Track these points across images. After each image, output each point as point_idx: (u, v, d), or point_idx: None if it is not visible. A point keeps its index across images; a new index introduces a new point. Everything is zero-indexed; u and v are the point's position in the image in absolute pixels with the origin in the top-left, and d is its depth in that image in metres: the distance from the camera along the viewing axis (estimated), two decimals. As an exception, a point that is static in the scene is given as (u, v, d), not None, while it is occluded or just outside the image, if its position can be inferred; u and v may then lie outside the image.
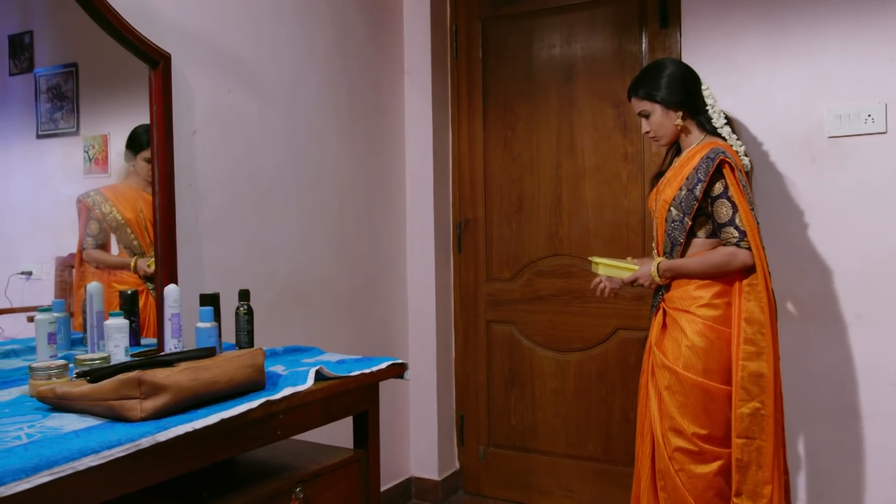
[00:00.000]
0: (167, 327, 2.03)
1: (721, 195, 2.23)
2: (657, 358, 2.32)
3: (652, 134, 2.41)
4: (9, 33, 2.00)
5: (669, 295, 2.35)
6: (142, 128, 2.20)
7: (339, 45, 2.96)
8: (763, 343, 2.20)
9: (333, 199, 2.94)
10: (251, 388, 1.63)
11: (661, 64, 2.41)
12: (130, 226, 2.19)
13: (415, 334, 3.39)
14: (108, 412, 1.41)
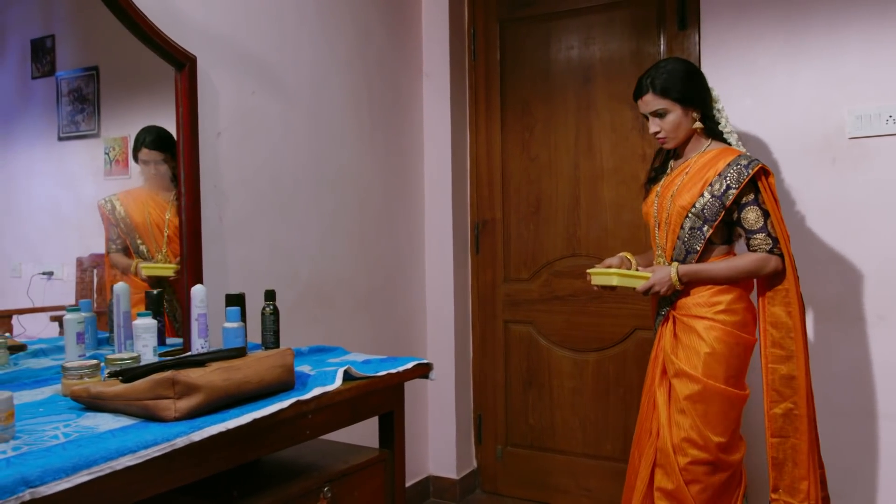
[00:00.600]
0: (194, 327, 2.02)
1: (752, 202, 2.19)
2: (675, 367, 2.23)
3: (663, 135, 2.30)
4: (31, 38, 2.01)
5: (683, 302, 2.27)
6: (151, 129, 2.19)
7: (359, 47, 2.96)
8: (793, 346, 2.21)
9: (353, 200, 2.93)
10: (281, 388, 1.62)
11: (676, 61, 2.32)
12: (138, 230, 2.17)
13: (433, 334, 3.38)
14: (142, 412, 1.40)
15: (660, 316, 2.36)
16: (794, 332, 2.21)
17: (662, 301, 2.34)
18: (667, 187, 2.34)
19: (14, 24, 1.98)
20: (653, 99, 2.28)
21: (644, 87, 2.30)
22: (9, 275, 1.98)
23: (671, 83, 2.25)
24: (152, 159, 2.18)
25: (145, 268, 2.16)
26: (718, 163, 2.22)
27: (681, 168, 2.32)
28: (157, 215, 2.19)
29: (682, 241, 2.26)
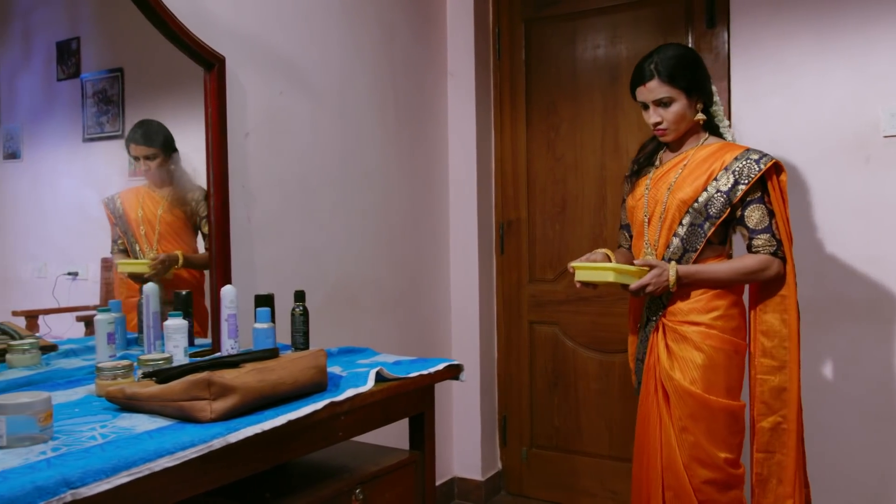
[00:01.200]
0: (224, 328, 2.02)
1: (757, 200, 2.06)
2: (674, 383, 2.07)
3: (664, 125, 2.12)
4: (56, 40, 2.01)
5: (676, 307, 2.11)
6: (143, 122, 2.15)
7: (385, 47, 2.95)
8: (786, 357, 2.09)
9: (379, 201, 2.92)
10: (314, 389, 1.61)
11: (679, 47, 2.17)
12: (131, 227, 2.13)
13: (458, 335, 3.37)
14: (177, 413, 1.40)
15: (650, 323, 2.19)
16: (789, 342, 2.09)
17: (652, 305, 2.18)
18: (659, 180, 2.18)
19: (40, 26, 1.99)
20: (658, 86, 2.09)
21: (647, 73, 2.11)
22: (34, 275, 1.99)
23: (679, 70, 2.09)
24: (142, 154, 2.13)
25: (120, 264, 2.11)
26: (725, 155, 2.09)
27: (676, 161, 2.17)
28: (150, 212, 2.14)
29: (680, 238, 2.11)
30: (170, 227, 2.16)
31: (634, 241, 2.26)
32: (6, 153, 1.90)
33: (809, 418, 2.62)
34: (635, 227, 2.24)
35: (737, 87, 2.76)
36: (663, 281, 2.04)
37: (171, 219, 2.18)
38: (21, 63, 1.95)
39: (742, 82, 2.74)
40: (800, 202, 2.64)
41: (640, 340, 2.26)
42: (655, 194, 2.17)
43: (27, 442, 1.24)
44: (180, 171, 2.22)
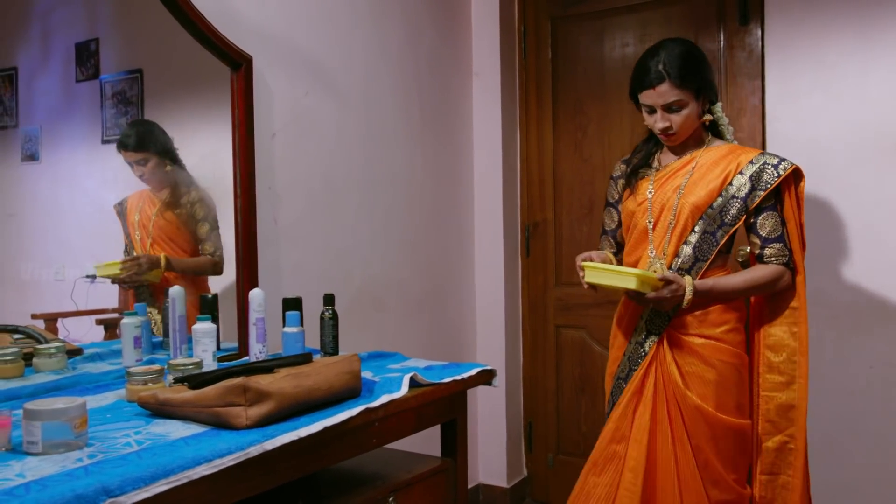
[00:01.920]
0: (252, 332, 2.01)
1: (771, 207, 1.97)
2: (687, 400, 1.97)
3: (673, 130, 2.00)
4: (76, 41, 2.01)
5: (684, 320, 2.00)
6: (142, 127, 2.12)
7: (410, 47, 2.93)
8: (795, 372, 1.99)
9: (404, 202, 2.91)
10: (348, 395, 1.60)
11: (684, 43, 2.03)
12: (129, 231, 2.09)
13: (483, 339, 3.34)
14: (212, 419, 1.38)
15: (650, 337, 2.05)
16: (800, 356, 1.98)
17: (655, 319, 2.05)
18: (665, 183, 2.06)
19: (59, 27, 1.98)
20: (669, 89, 1.95)
21: (656, 75, 1.96)
22: (53, 278, 1.98)
23: (689, 70, 1.96)
24: (133, 160, 2.08)
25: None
26: (739, 157, 1.99)
27: (681, 164, 2.06)
28: (145, 216, 2.10)
29: (692, 246, 1.99)
30: (162, 232, 2.12)
31: (632, 249, 2.12)
32: (25, 155, 1.90)
33: (852, 427, 2.58)
34: (635, 233, 2.10)
35: (772, 86, 2.72)
36: (678, 297, 1.92)
37: (163, 222, 2.13)
38: (40, 65, 1.95)
39: (778, 81, 2.70)
40: (838, 203, 2.60)
41: (628, 357, 2.11)
42: (661, 198, 2.04)
43: (62, 448, 1.23)
44: (179, 173, 2.16)
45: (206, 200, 2.21)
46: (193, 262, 2.21)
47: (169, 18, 2.02)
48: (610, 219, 2.28)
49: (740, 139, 2.86)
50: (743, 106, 2.87)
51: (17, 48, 1.89)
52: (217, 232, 2.22)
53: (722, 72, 2.91)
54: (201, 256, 2.21)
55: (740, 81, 2.88)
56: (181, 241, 2.17)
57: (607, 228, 2.29)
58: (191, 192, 2.18)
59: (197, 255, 2.21)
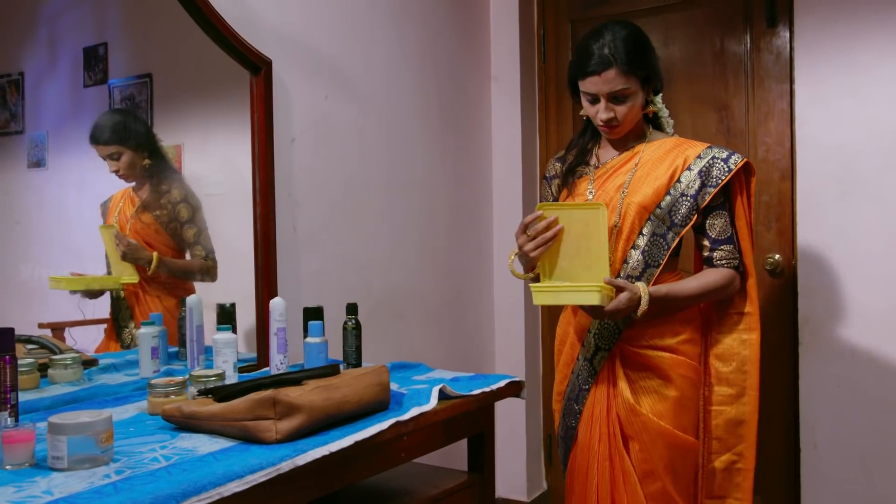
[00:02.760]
0: (273, 342, 1.99)
1: (720, 206, 1.85)
2: (641, 419, 1.80)
3: (618, 122, 1.84)
4: (84, 46, 2.00)
5: (637, 331, 1.84)
6: (115, 117, 1.99)
7: (430, 51, 2.92)
8: (745, 382, 1.85)
9: (424, 209, 2.88)
10: (377, 407, 1.57)
11: (627, 25, 1.86)
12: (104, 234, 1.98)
13: (501, 351, 3.31)
14: (240, 433, 1.36)
15: (599, 353, 1.89)
16: (749, 365, 1.85)
17: (603, 332, 1.89)
18: (606, 181, 1.90)
19: (66, 32, 1.98)
20: (616, 76, 1.79)
21: (604, 60, 1.79)
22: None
23: (638, 55, 1.81)
24: (104, 154, 1.95)
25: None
26: (687, 152, 1.85)
27: (622, 159, 1.91)
28: (123, 217, 1.98)
29: (641, 251, 1.83)
30: (138, 235, 2.00)
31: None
32: (31, 161, 1.89)
33: (891, 441, 2.52)
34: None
35: (801, 89, 2.69)
36: (633, 307, 1.73)
37: (140, 225, 2.01)
38: (47, 70, 1.94)
39: (808, 85, 2.67)
40: (871, 209, 2.57)
41: (577, 375, 1.96)
42: (603, 198, 1.87)
43: (88, 464, 1.21)
44: (160, 168, 2.04)
45: (191, 200, 2.09)
46: (185, 263, 2.10)
47: (179, 22, 2.01)
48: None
49: (767, 144, 2.83)
50: (770, 110, 2.84)
51: (23, 53, 1.88)
52: (207, 234, 2.11)
53: (748, 75, 2.89)
54: (193, 259, 2.11)
55: (767, 85, 2.85)
56: (160, 247, 2.05)
57: None
58: (172, 190, 2.07)
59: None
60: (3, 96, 1.84)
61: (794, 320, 2.74)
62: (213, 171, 2.22)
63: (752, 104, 2.88)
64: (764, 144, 2.84)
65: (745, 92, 2.90)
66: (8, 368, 1.45)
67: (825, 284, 2.63)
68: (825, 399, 2.64)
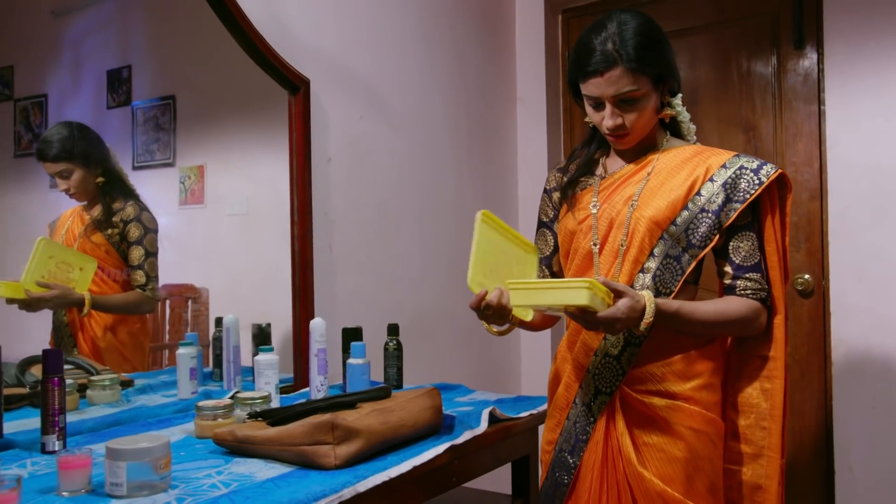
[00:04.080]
0: (313, 363, 1.93)
1: (748, 225, 1.52)
2: (644, 484, 1.48)
3: (626, 130, 1.52)
4: (107, 69, 1.97)
5: (644, 371, 1.52)
6: (64, 131, 1.82)
7: (459, 73, 2.88)
8: (764, 441, 1.52)
9: (453, 229, 2.83)
10: (431, 430, 1.51)
11: (639, 15, 1.52)
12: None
13: (527, 370, 3.25)
14: (298, 458, 1.30)
15: (600, 396, 1.56)
16: (770, 420, 1.52)
17: (604, 371, 1.55)
18: (613, 192, 1.58)
19: (90, 55, 1.95)
20: (623, 75, 1.46)
21: (607, 57, 1.47)
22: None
23: (649, 50, 1.47)
24: (52, 172, 1.78)
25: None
26: (709, 160, 1.53)
27: (633, 169, 1.59)
28: (70, 237, 1.80)
29: (651, 274, 1.51)
30: (95, 252, 1.84)
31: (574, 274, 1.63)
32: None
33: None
34: (576, 258, 1.61)
35: (832, 111, 2.65)
36: (635, 317, 1.39)
37: (89, 246, 1.83)
38: (70, 92, 1.91)
39: (839, 106, 2.63)
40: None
41: (573, 422, 1.60)
42: (609, 212, 1.56)
43: (146, 491, 1.15)
44: (115, 188, 1.88)
45: (145, 220, 1.92)
46: (123, 299, 1.89)
47: (204, 45, 2.00)
48: (543, 242, 1.79)
49: (795, 164, 2.79)
50: (799, 131, 2.80)
51: (47, 75, 1.86)
52: (153, 260, 1.93)
53: (775, 96, 2.85)
54: (130, 291, 1.90)
55: (795, 106, 2.81)
56: (110, 269, 1.87)
57: (540, 255, 1.78)
58: (126, 208, 1.89)
59: (128, 287, 1.90)
60: (27, 118, 1.81)
61: (824, 340, 2.68)
62: (235, 191, 2.19)
63: (779, 125, 2.84)
64: (792, 165, 2.80)
65: (773, 113, 2.86)
66: (57, 391, 1.40)
67: (859, 305, 2.57)
68: (860, 421, 2.57)
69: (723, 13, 2.97)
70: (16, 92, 1.77)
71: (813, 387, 2.71)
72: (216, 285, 2.12)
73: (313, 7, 2.23)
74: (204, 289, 2.14)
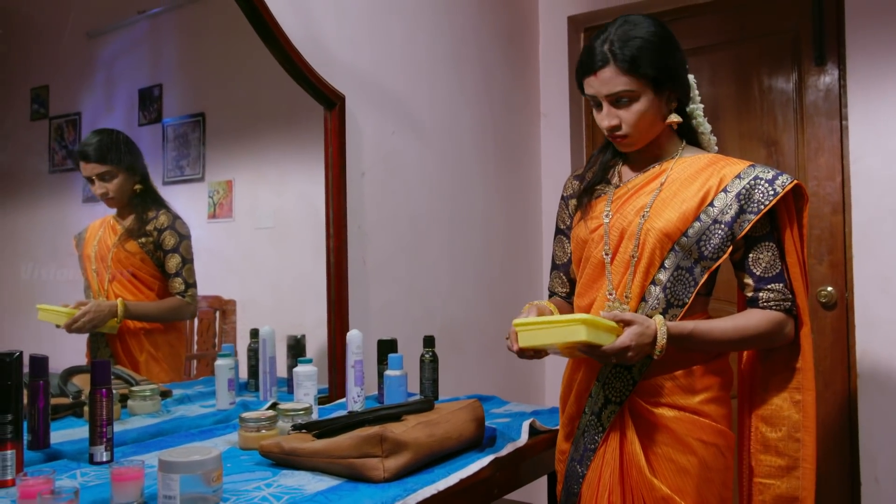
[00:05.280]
0: (349, 374, 1.90)
1: (767, 236, 1.47)
2: (655, 494, 1.42)
3: (625, 131, 1.47)
4: (139, 87, 1.97)
5: (652, 384, 1.47)
6: (107, 137, 1.79)
7: (485, 89, 2.86)
8: (799, 453, 1.47)
9: (480, 242, 2.80)
10: (474, 443, 1.47)
11: (649, 21, 1.47)
12: (83, 265, 1.73)
13: (551, 381, 3.20)
14: (345, 471, 1.26)
15: (608, 406, 1.50)
16: (804, 432, 1.47)
17: (613, 381, 1.50)
18: (625, 202, 1.52)
19: (123, 74, 1.95)
20: (614, 75, 1.43)
21: (601, 57, 1.45)
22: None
23: (645, 53, 1.43)
24: (94, 174, 1.74)
25: (41, 310, 1.63)
26: (723, 170, 1.47)
27: (646, 178, 1.53)
28: (104, 246, 1.75)
29: (663, 287, 1.45)
30: (122, 265, 1.78)
31: (585, 288, 1.56)
32: (86, 196, 1.83)
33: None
34: (588, 267, 1.55)
35: (855, 125, 2.61)
36: (646, 343, 1.35)
37: (123, 255, 1.78)
38: (103, 110, 1.90)
39: (862, 122, 2.59)
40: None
41: (582, 431, 1.55)
42: (620, 222, 1.51)
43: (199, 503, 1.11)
44: (149, 197, 1.85)
45: (179, 228, 1.88)
46: (158, 306, 1.85)
47: (233, 64, 1.99)
48: (561, 249, 1.74)
49: (818, 178, 2.74)
50: (820, 146, 2.76)
51: (81, 94, 1.85)
52: (191, 266, 1.90)
53: (797, 111, 2.81)
54: (168, 298, 1.87)
55: (817, 121, 2.77)
56: (145, 277, 1.83)
57: (558, 262, 1.74)
58: (159, 216, 1.86)
59: (164, 295, 1.86)
60: (61, 135, 1.79)
61: (847, 352, 2.62)
62: (263, 205, 2.17)
63: (801, 140, 2.79)
64: (814, 179, 2.75)
65: (795, 128, 2.82)
66: (105, 402, 1.38)
67: (884, 317, 2.52)
68: (886, 431, 2.51)
69: (744, 30, 2.94)
70: (51, 110, 1.76)
71: (837, 398, 2.65)
72: (244, 297, 2.09)
73: (348, 26, 2.21)
74: (231, 301, 2.12)
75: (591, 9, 3.14)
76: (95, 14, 1.85)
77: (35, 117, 1.74)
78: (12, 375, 1.25)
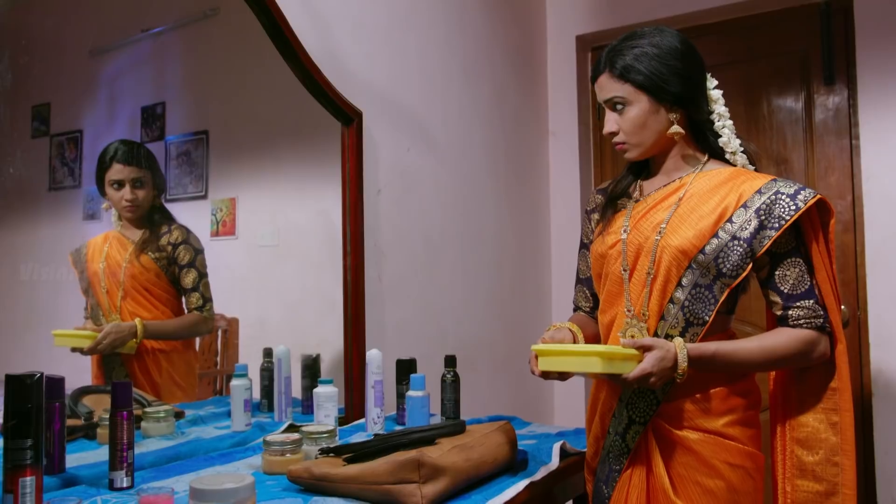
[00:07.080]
0: (369, 395, 1.83)
1: (793, 251, 1.39)
2: None
3: (622, 137, 1.45)
4: (142, 105, 1.92)
5: (676, 406, 1.40)
6: (129, 144, 1.72)
7: (497, 108, 2.82)
8: (838, 478, 1.38)
9: (492, 260, 2.75)
10: (507, 466, 1.40)
11: (661, 33, 1.45)
12: (91, 282, 1.64)
13: (560, 400, 3.13)
14: (381, 497, 1.19)
15: (633, 427, 1.44)
16: (843, 456, 1.39)
17: (638, 402, 1.44)
18: (643, 217, 1.47)
19: (125, 92, 1.90)
20: (608, 82, 1.43)
21: (603, 64, 1.45)
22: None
23: (637, 61, 1.41)
24: (129, 178, 1.67)
25: (57, 335, 1.54)
26: (742, 186, 1.40)
27: (666, 192, 1.48)
28: (114, 261, 1.66)
29: (681, 306, 1.39)
30: (135, 281, 1.69)
31: (606, 305, 1.51)
32: (86, 214, 1.77)
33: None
34: (608, 284, 1.50)
35: (867, 144, 2.58)
36: (668, 368, 1.29)
37: (137, 269, 1.70)
38: (105, 128, 1.85)
39: (874, 141, 2.56)
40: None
41: (607, 451, 1.49)
42: (637, 238, 1.45)
43: (232, 534, 1.04)
44: (163, 212, 1.80)
45: (193, 242, 1.82)
46: (176, 323, 1.79)
47: (237, 81, 1.95)
48: (584, 263, 1.69)
49: (829, 197, 2.68)
50: (831, 164, 2.73)
51: (83, 112, 1.80)
52: (206, 281, 1.82)
53: (806, 130, 2.78)
54: (185, 314, 1.81)
55: (827, 140, 2.74)
56: (159, 293, 1.75)
57: (581, 276, 1.71)
58: (173, 231, 1.78)
59: (177, 311, 1.80)
60: (62, 153, 1.74)
61: (860, 371, 2.57)
62: (267, 222, 2.11)
63: (811, 159, 2.76)
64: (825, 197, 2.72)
65: (804, 147, 2.79)
66: (126, 424, 1.30)
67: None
68: (903, 452, 2.46)
69: (752, 50, 2.91)
70: (52, 128, 1.71)
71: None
72: (247, 315, 2.01)
73: (366, 43, 2.17)
74: (234, 319, 2.05)
75: (598, 28, 3.11)
76: (99, 33, 1.80)
77: (36, 135, 1.68)
78: (32, 398, 1.17)
